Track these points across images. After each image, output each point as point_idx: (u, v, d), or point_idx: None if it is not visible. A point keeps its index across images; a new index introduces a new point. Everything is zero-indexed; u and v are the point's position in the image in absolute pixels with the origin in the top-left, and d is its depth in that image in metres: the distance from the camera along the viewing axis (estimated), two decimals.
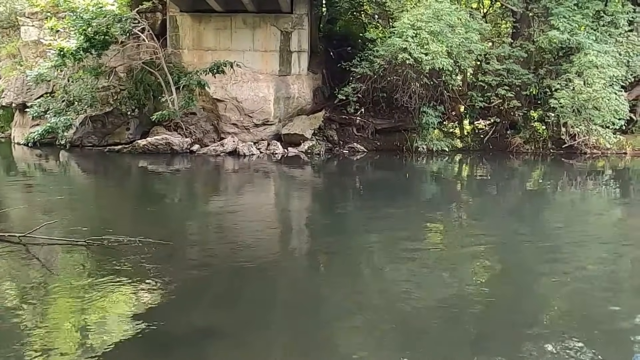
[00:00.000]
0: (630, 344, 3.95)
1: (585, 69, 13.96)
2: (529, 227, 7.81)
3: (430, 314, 4.46)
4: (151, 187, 10.97)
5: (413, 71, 14.24)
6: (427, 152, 15.32)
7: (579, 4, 15.11)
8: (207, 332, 4.00)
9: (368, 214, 8.29)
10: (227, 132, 15.46)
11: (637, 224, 8.32)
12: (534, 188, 11.70)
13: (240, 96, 15.35)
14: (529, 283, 5.34)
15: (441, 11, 13.79)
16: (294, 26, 15.78)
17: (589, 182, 12.13)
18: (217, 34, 15.86)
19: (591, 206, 9.85)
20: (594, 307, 4.65)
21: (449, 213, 8.82)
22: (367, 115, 16.15)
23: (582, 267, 5.80)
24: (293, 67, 16.00)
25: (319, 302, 4.73)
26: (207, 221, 7.85)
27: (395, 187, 11.31)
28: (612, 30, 15.05)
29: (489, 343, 3.97)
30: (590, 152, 15.30)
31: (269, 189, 11.30)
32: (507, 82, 15.22)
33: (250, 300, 4.70)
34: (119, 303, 4.52)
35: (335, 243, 6.61)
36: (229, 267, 5.54)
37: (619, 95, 14.20)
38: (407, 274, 5.43)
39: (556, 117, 14.73)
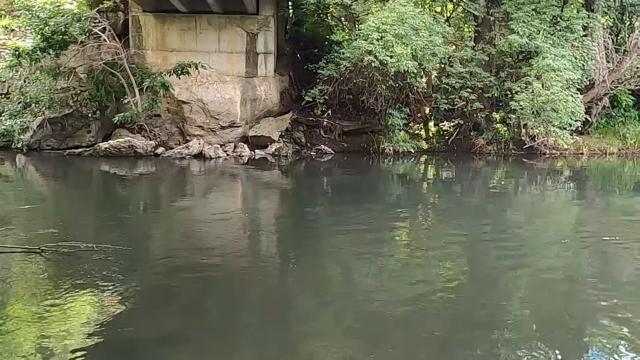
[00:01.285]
0: (588, 338, 4.09)
1: (543, 72, 14.43)
2: (493, 226, 8.00)
3: (398, 313, 4.50)
4: (114, 192, 10.69)
5: (379, 73, 14.38)
6: (393, 153, 15.50)
7: (537, 9, 15.61)
8: (170, 338, 3.93)
9: (335, 216, 8.32)
10: (193, 134, 15.22)
11: (593, 222, 8.66)
12: (496, 188, 12.00)
13: (206, 98, 15.16)
14: (492, 279, 5.47)
15: (405, 15, 13.99)
16: (260, 28, 15.71)
17: (548, 182, 12.54)
18: (181, 34, 15.61)
19: (551, 205, 10.19)
20: (553, 301, 4.80)
21: (415, 213, 8.95)
22: (334, 117, 16.22)
23: (542, 264, 5.98)
24: (260, 69, 15.91)
25: (286, 306, 4.71)
26: (172, 226, 7.70)
27: (362, 188, 11.40)
28: (568, 35, 15.62)
29: (454, 339, 4.04)
30: (549, 152, 15.82)
31: (235, 192, 11.19)
32: (470, 85, 15.56)
33: (216, 305, 4.64)
34: (77, 312, 4.37)
35: (303, 245, 6.61)
36: (194, 272, 5.45)
37: (575, 98, 14.72)
38: (375, 275, 5.47)
39: (517, 119, 15.16)
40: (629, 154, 16.95)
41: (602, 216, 9.17)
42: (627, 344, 3.94)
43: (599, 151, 16.75)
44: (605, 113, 17.77)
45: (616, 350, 3.85)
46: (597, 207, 10.06)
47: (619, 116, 17.95)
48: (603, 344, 3.97)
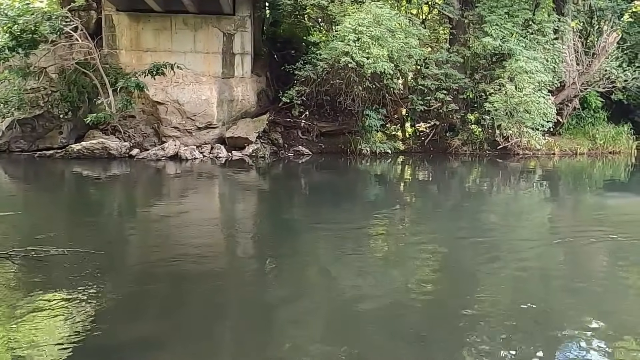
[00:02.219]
0: (562, 336, 4.18)
1: (516, 74, 14.74)
2: (468, 225, 8.11)
3: (377, 311, 4.52)
4: (86, 194, 10.46)
5: (355, 74, 14.46)
6: (370, 154, 15.60)
7: (510, 12, 15.94)
8: (146, 343, 3.85)
9: (314, 217, 8.32)
10: (169, 135, 15.03)
11: (565, 220, 8.88)
12: (472, 188, 12.19)
13: (182, 99, 14.98)
14: (470, 277, 5.55)
15: (381, 16, 14.10)
16: (237, 28, 15.62)
17: (522, 182, 12.80)
18: (156, 34, 15.40)
19: (524, 204, 10.40)
20: (527, 298, 4.89)
21: (393, 214, 9.02)
22: (312, 118, 16.24)
23: (517, 262, 6.09)
24: (236, 70, 15.82)
25: (265, 308, 4.67)
26: (147, 229, 7.57)
27: (340, 189, 11.43)
28: (540, 38, 15.99)
29: (433, 337, 4.08)
30: (522, 153, 16.16)
31: (213, 193, 11.08)
32: (445, 86, 15.78)
33: (193, 309, 4.57)
34: (48, 318, 4.25)
35: (281, 247, 6.58)
36: (170, 275, 5.37)
37: (546, 100, 15.09)
38: (354, 275, 5.49)
39: (491, 120, 15.43)
40: (598, 154, 17.45)
41: (574, 214, 9.41)
42: (601, 338, 4.04)
43: (570, 151, 17.19)
44: (575, 114, 18.27)
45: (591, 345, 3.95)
46: (569, 205, 10.32)
47: (588, 117, 18.48)
48: (578, 338, 4.06)
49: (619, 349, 3.90)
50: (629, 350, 3.91)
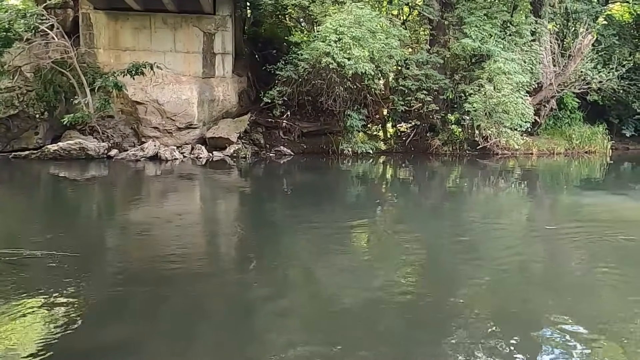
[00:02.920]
0: (540, 333, 4.25)
1: (494, 75, 14.95)
2: (449, 224, 8.21)
3: (359, 311, 4.54)
4: (63, 196, 10.25)
5: (337, 75, 14.49)
6: (352, 154, 15.64)
7: (489, 14, 16.16)
8: (123, 346, 3.80)
9: (296, 217, 8.30)
10: (148, 136, 14.83)
11: (543, 219, 9.04)
12: (453, 187, 12.32)
13: (162, 99, 14.81)
14: (451, 275, 5.61)
15: (362, 17, 14.15)
16: (217, 27, 15.50)
17: (501, 181, 12.99)
18: (135, 33, 15.19)
19: (503, 204, 10.55)
20: (506, 297, 4.97)
21: (374, 213, 9.06)
22: (293, 118, 16.22)
23: (496, 260, 6.17)
24: (217, 70, 15.70)
25: (245, 308, 4.64)
26: (126, 231, 7.46)
27: (322, 189, 11.43)
28: (518, 40, 16.24)
29: (413, 336, 4.11)
30: (501, 152, 16.40)
31: (193, 194, 10.97)
32: (425, 87, 15.91)
33: (172, 311, 4.52)
34: (21, 322, 4.15)
35: (263, 247, 6.55)
36: (149, 277, 5.30)
37: (524, 100, 15.33)
38: (335, 275, 5.49)
39: (470, 120, 15.62)
40: (575, 153, 17.81)
41: (552, 213, 9.59)
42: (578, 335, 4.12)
43: (547, 151, 17.50)
44: (552, 115, 18.62)
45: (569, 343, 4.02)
46: (547, 204, 10.51)
47: (565, 118, 18.85)
48: (556, 337, 4.13)
49: (596, 346, 3.99)
50: (605, 347, 3.99)
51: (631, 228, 7.73)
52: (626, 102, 19.11)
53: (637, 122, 19.45)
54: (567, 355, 3.80)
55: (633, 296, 5.04)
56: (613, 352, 3.90)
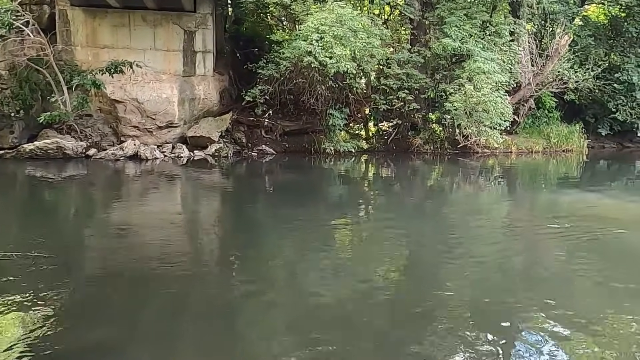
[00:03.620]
0: (518, 329, 4.32)
1: (474, 74, 15.12)
2: (430, 222, 8.29)
3: (342, 309, 4.54)
4: (40, 196, 10.04)
5: (318, 74, 14.49)
6: (334, 153, 15.66)
7: (468, 14, 16.34)
8: (103, 348, 3.74)
9: (278, 216, 8.28)
10: (128, 135, 14.62)
11: (522, 216, 9.19)
12: (434, 186, 12.44)
13: (142, 97, 14.61)
14: (432, 273, 5.66)
15: (344, 16, 14.17)
16: (198, 25, 15.35)
17: (481, 179, 13.15)
18: (114, 30, 14.95)
19: (484, 201, 10.69)
20: (486, 293, 5.03)
21: (357, 212, 9.09)
22: (275, 117, 16.17)
23: (477, 257, 6.25)
24: (198, 68, 15.56)
25: (228, 308, 4.61)
26: (106, 231, 7.33)
27: (304, 188, 11.42)
28: (497, 40, 16.46)
29: (395, 333, 4.14)
30: (481, 151, 16.61)
31: (174, 194, 10.86)
32: (407, 86, 16.01)
33: (153, 312, 4.47)
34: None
35: (245, 247, 6.51)
36: (129, 278, 5.22)
37: (503, 99, 15.53)
38: (319, 273, 5.50)
39: (451, 119, 15.77)
40: (553, 152, 18.14)
41: (531, 210, 9.75)
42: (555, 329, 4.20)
43: (526, 150, 17.79)
44: (531, 114, 18.93)
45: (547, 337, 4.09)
46: (526, 201, 10.68)
47: (543, 117, 19.19)
48: (534, 332, 4.20)
49: (571, 339, 4.07)
50: (581, 340, 4.07)
51: (607, 224, 7.91)
52: (602, 102, 19.53)
53: (612, 121, 19.89)
54: (544, 349, 3.87)
55: (610, 290, 5.16)
56: (590, 345, 3.98)
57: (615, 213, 8.88)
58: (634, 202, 10.12)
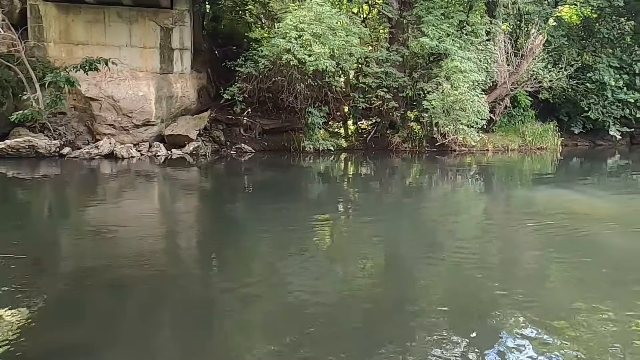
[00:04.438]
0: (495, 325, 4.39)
1: (452, 73, 15.30)
2: (409, 220, 8.36)
3: (321, 309, 4.54)
4: (12, 196, 9.77)
5: (297, 72, 14.46)
6: (313, 151, 15.67)
7: (446, 13, 16.52)
8: (76, 350, 3.66)
9: (257, 215, 8.24)
10: (103, 133, 14.36)
11: (499, 213, 9.35)
12: (412, 184, 12.54)
13: (117, 95, 14.36)
14: (409, 272, 5.71)
15: (323, 14, 14.17)
16: (175, 22, 15.17)
17: (458, 177, 13.32)
18: (88, 27, 14.66)
19: (461, 199, 10.83)
20: (465, 291, 5.10)
21: (336, 210, 9.10)
22: (254, 115, 16.09)
23: (455, 255, 6.33)
24: (175, 65, 15.38)
25: (207, 309, 4.57)
26: (80, 232, 7.19)
27: (284, 187, 11.39)
28: (473, 39, 16.69)
29: (375, 332, 4.16)
30: (458, 149, 16.83)
31: (151, 193, 10.70)
32: (385, 85, 16.11)
33: (130, 313, 4.40)
34: None
35: (224, 246, 6.46)
36: (104, 279, 5.13)
37: (480, 98, 15.77)
38: (297, 272, 5.49)
39: (429, 118, 15.94)
40: (528, 150, 18.49)
41: (507, 207, 9.92)
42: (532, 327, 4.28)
43: (502, 148, 18.10)
44: (507, 112, 19.26)
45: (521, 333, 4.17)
46: (502, 199, 10.86)
47: (518, 115, 19.54)
48: (509, 326, 4.28)
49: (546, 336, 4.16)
50: (555, 336, 4.17)
51: (580, 220, 8.10)
52: (575, 101, 19.98)
53: (585, 120, 20.37)
54: (519, 346, 3.94)
55: (582, 284, 5.29)
56: (564, 341, 4.07)
57: (587, 209, 9.10)
58: (603, 199, 10.38)
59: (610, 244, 6.88)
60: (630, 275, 5.64)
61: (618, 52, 20.05)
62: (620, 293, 5.12)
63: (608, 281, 5.45)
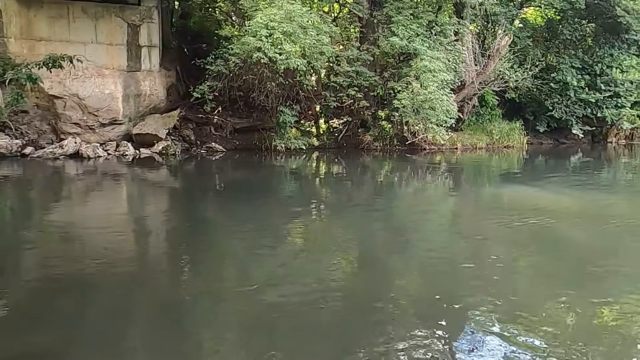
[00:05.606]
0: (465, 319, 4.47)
1: (421, 73, 15.50)
2: (380, 218, 8.43)
3: (294, 308, 4.53)
4: None
5: (268, 70, 14.38)
6: (285, 150, 15.63)
7: (415, 14, 16.71)
8: (40, 355, 3.55)
9: (228, 215, 8.17)
10: (68, 132, 13.95)
11: (466, 210, 9.53)
12: (383, 182, 12.66)
13: (83, 93, 13.98)
14: (380, 269, 5.76)
15: (293, 13, 14.12)
16: (143, 19, 14.85)
17: (428, 175, 13.52)
18: (51, 22, 14.19)
19: (431, 196, 11.01)
20: (435, 287, 5.19)
21: (308, 209, 9.10)
22: (225, 114, 15.92)
23: (426, 252, 6.43)
24: (143, 63, 15.06)
25: (177, 310, 4.50)
26: (45, 234, 6.97)
27: (255, 186, 11.32)
28: (442, 39, 16.94)
29: (346, 330, 4.18)
30: (428, 147, 17.07)
31: (119, 194, 10.47)
32: (356, 84, 16.18)
33: (97, 316, 4.29)
34: None
35: (195, 247, 6.38)
36: (71, 282, 4.99)
37: (449, 97, 16.02)
38: (268, 272, 5.47)
39: (400, 117, 16.10)
40: (495, 148, 18.91)
41: (476, 204, 10.13)
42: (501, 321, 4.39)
43: (471, 146, 18.45)
44: (475, 111, 19.64)
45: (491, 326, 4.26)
46: (471, 196, 11.09)
47: (486, 114, 19.95)
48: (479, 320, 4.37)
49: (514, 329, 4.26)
50: (522, 328, 4.28)
51: (545, 215, 8.34)
52: (540, 100, 20.54)
53: (549, 119, 20.96)
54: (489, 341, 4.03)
55: (547, 276, 5.46)
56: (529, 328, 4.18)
57: (552, 205, 9.38)
58: (567, 195, 10.72)
59: (573, 238, 7.12)
60: (591, 266, 5.85)
61: (580, 54, 20.71)
62: (582, 283, 5.30)
63: (571, 272, 5.64)
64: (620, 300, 4.81)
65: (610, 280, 5.45)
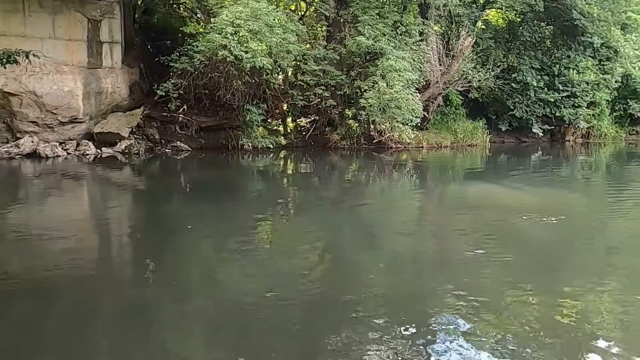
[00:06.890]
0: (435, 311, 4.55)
1: (387, 72, 15.66)
2: (348, 216, 8.48)
3: (262, 309, 4.50)
4: None
5: (234, 68, 14.22)
6: (252, 149, 15.51)
7: (381, 13, 16.88)
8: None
9: (195, 216, 8.03)
10: (25, 131, 13.44)
11: (432, 207, 9.71)
12: (351, 181, 12.74)
13: (40, 90, 13.47)
14: (349, 267, 5.80)
15: (259, 11, 14.01)
16: (104, 14, 14.44)
17: (395, 173, 13.70)
18: (5, 17, 13.60)
19: (397, 194, 11.15)
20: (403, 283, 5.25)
21: (275, 209, 9.06)
22: (191, 112, 15.66)
23: (393, 249, 6.50)
24: (105, 60, 14.65)
25: (143, 314, 4.40)
26: (1, 237, 6.69)
27: (222, 185, 11.19)
28: (407, 39, 17.17)
29: (314, 330, 4.18)
30: (395, 146, 17.27)
31: (79, 194, 10.15)
32: (323, 82, 16.20)
33: (59, 320, 4.15)
34: None
35: (160, 249, 6.25)
36: (29, 286, 4.80)
37: (414, 97, 16.25)
38: (236, 272, 5.42)
39: (366, 116, 16.22)
40: (459, 146, 19.32)
41: (441, 202, 10.32)
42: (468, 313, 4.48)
43: (436, 145, 18.78)
44: (439, 111, 19.99)
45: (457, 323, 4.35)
46: (436, 194, 11.29)
47: (451, 114, 20.35)
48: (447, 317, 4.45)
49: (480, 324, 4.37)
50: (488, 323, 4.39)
51: (507, 212, 8.58)
52: (501, 100, 21.10)
53: (511, 118, 21.55)
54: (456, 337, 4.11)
55: (508, 270, 5.62)
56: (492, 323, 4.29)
57: (513, 202, 9.66)
58: (528, 192, 11.06)
59: (533, 233, 7.35)
60: (549, 261, 6.06)
61: (539, 55, 21.37)
62: (542, 277, 5.48)
63: (531, 267, 5.82)
64: (577, 293, 5.01)
65: (567, 273, 5.66)
